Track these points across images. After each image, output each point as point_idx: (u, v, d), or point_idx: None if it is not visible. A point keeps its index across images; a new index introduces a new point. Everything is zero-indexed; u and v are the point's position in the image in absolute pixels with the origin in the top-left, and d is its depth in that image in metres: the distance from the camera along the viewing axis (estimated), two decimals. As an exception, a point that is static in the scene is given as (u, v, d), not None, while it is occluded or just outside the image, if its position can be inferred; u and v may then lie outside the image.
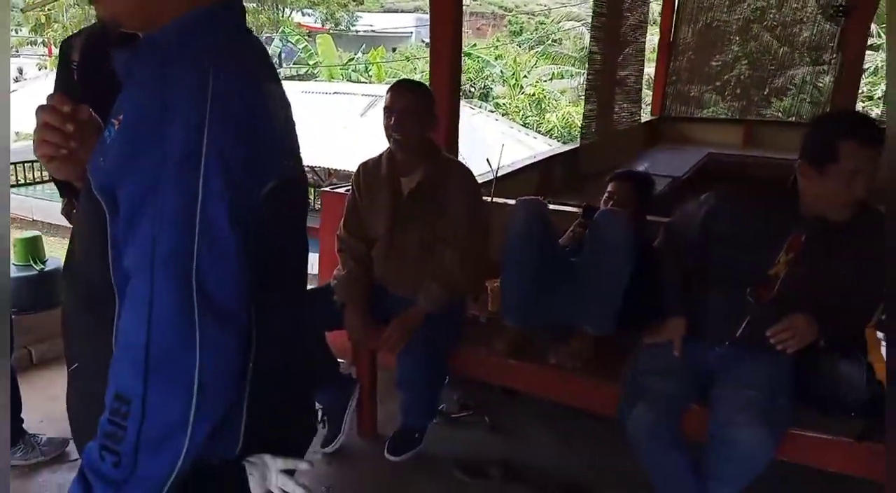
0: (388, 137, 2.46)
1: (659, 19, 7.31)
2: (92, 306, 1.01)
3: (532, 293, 2.44)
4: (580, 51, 19.18)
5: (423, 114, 2.44)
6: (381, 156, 2.57)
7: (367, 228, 2.60)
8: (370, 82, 17.68)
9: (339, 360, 2.76)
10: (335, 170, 12.19)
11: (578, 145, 5.44)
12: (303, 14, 24.10)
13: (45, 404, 2.81)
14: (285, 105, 1.01)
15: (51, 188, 10.52)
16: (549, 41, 22.27)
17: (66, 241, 1.21)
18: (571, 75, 18.91)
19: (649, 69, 8.49)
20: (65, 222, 2.88)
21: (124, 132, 0.91)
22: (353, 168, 2.69)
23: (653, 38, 7.66)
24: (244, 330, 0.89)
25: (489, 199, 2.93)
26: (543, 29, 26.15)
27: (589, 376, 2.35)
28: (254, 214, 0.89)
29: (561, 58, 19.67)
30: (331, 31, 22.21)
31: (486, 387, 3.09)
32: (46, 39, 14.48)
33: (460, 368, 2.62)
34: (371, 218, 2.58)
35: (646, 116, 7.35)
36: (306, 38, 20.20)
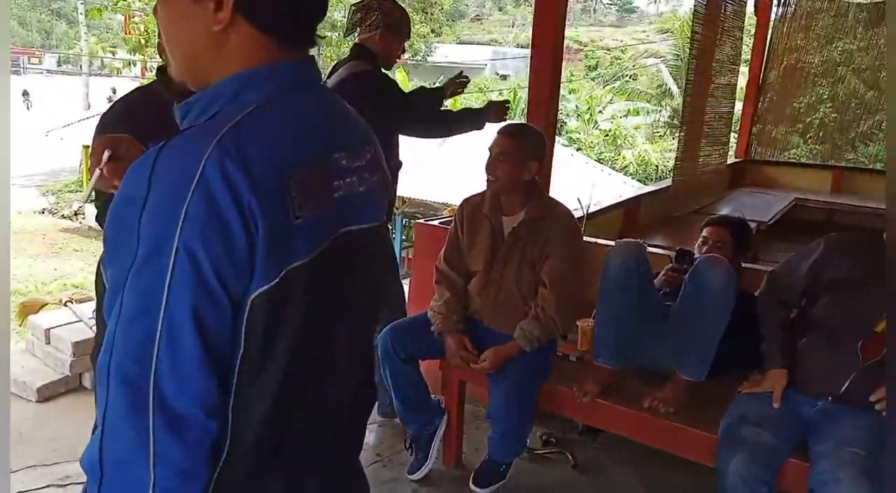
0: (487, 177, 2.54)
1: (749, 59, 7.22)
2: None
3: (626, 336, 2.46)
4: (657, 88, 19.07)
5: (524, 158, 2.48)
6: (484, 193, 2.64)
7: (467, 263, 2.68)
8: (446, 112, 17.87)
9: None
10: (409, 198, 12.41)
11: (670, 185, 5.41)
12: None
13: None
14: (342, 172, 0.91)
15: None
16: (626, 77, 22.18)
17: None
18: (647, 112, 18.78)
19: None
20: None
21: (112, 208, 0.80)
22: (428, 198, 2.76)
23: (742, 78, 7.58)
24: (207, 437, 0.79)
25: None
26: (619, 64, 25.99)
27: (681, 422, 2.35)
28: (240, 313, 0.80)
29: (637, 94, 19.58)
30: (408, 61, 22.64)
31: (569, 425, 3.10)
32: (144, 59, 15.15)
33: (548, 404, 2.65)
34: (471, 253, 2.66)
35: (730, 157, 7.26)
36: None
